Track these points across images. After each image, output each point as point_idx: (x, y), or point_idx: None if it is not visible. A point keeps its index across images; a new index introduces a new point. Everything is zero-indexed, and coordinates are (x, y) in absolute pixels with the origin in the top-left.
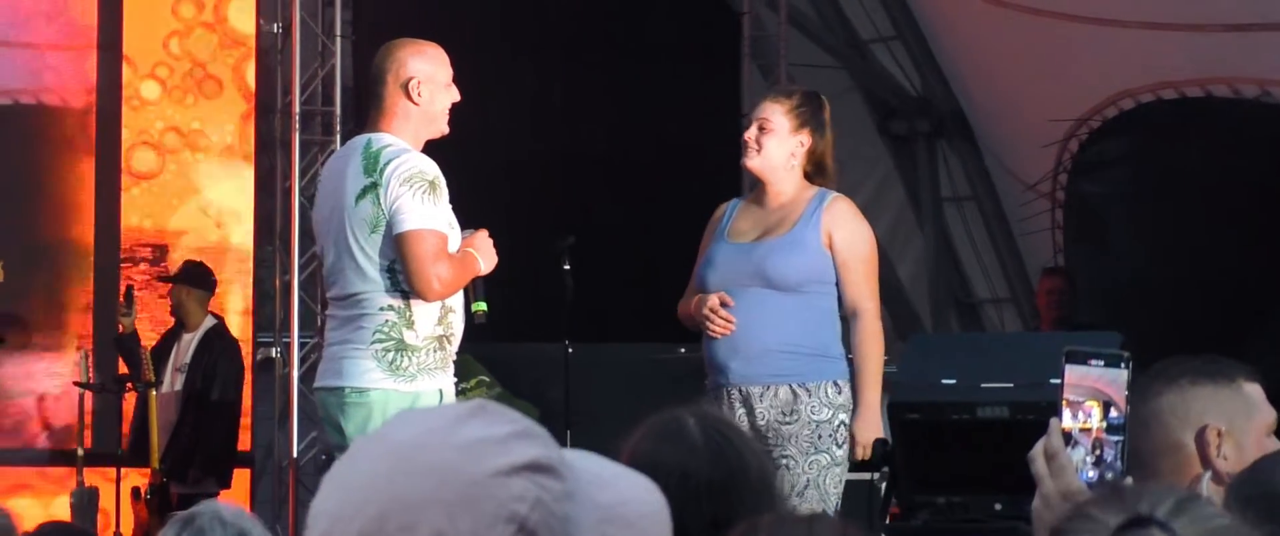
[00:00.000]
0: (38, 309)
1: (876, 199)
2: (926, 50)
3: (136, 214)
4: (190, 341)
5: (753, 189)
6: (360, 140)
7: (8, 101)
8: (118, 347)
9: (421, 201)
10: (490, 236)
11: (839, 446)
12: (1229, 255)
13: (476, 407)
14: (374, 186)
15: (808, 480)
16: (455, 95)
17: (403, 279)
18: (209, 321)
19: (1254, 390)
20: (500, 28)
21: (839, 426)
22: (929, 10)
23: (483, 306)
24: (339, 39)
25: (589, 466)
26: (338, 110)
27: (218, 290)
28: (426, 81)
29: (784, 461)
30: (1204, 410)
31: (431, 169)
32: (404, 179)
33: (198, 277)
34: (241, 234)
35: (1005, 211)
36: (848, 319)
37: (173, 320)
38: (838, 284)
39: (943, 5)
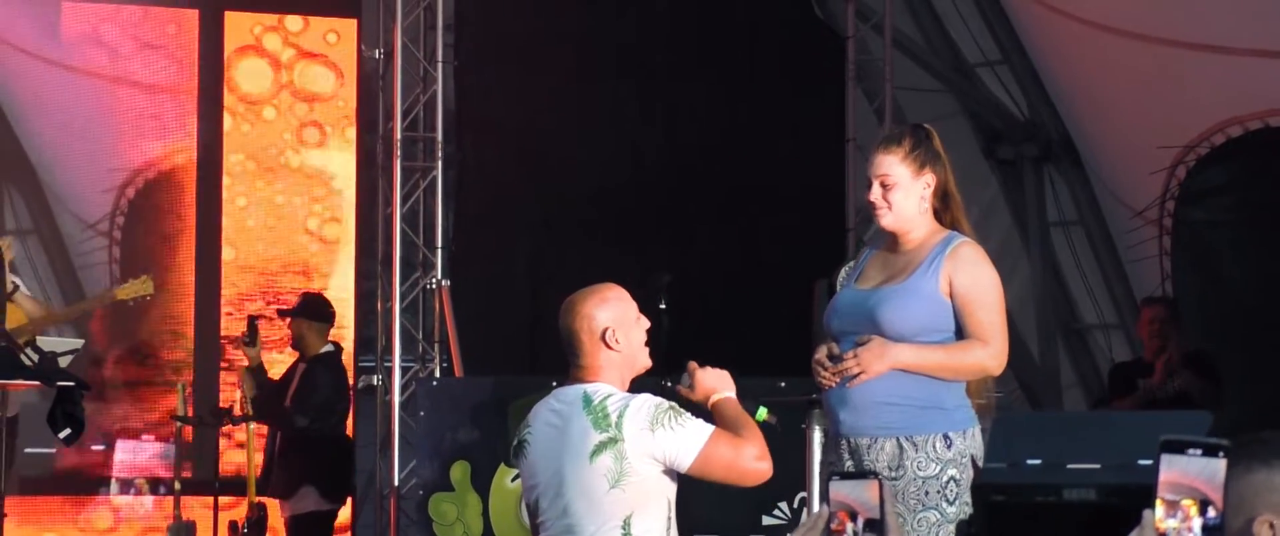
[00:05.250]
0: (141, 342)
1: (983, 224)
2: (1033, 74)
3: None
4: (303, 370)
5: (876, 235)
6: (574, 395)
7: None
8: (252, 379)
9: (681, 426)
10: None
11: (949, 503)
12: None
13: None
14: (614, 442)
15: None
16: (646, 324)
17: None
18: (325, 349)
19: None
20: (603, 53)
21: (948, 482)
22: (1036, 34)
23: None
24: (440, 64)
25: None
26: (439, 135)
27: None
28: (619, 327)
29: None
30: (1256, 499)
31: (657, 398)
32: (650, 423)
33: (315, 310)
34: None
35: (1113, 237)
36: None
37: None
38: (960, 330)
39: (1050, 29)
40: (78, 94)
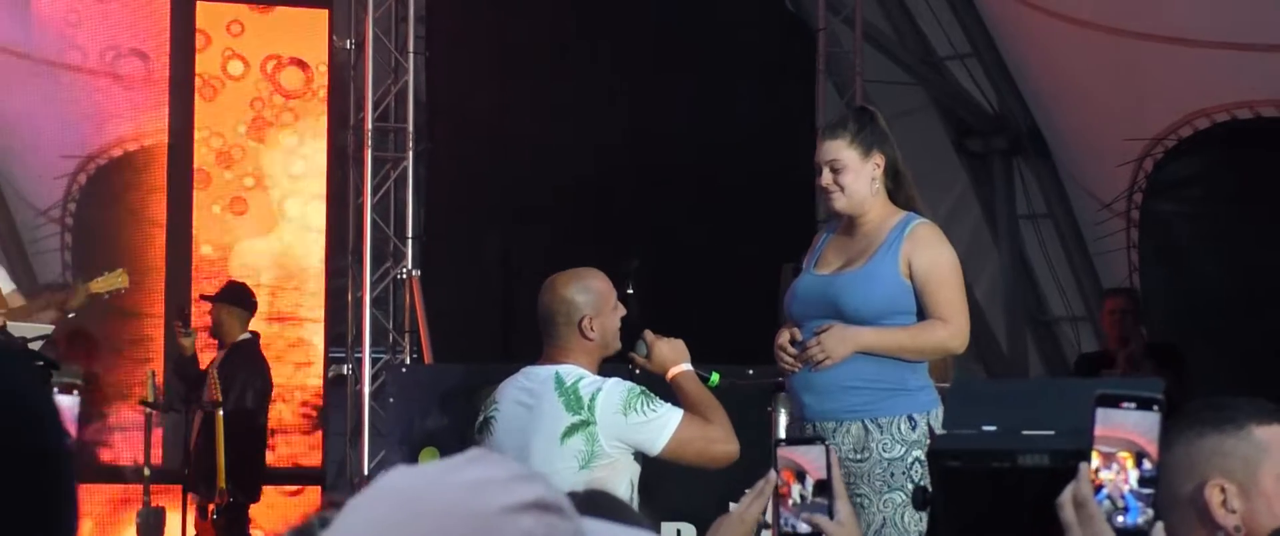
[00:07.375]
0: (110, 328)
1: (952, 216)
2: (1003, 67)
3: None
4: (219, 359)
5: (831, 218)
6: (546, 375)
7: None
8: (178, 372)
9: (653, 411)
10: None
11: (915, 483)
12: None
13: (476, 455)
14: (586, 424)
15: (883, 519)
16: (623, 311)
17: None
18: (242, 337)
19: (1267, 433)
20: (575, 44)
21: (913, 463)
22: (1006, 27)
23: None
24: (412, 55)
25: (599, 526)
26: (410, 127)
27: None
28: (596, 315)
29: (858, 500)
30: (1207, 463)
31: (628, 382)
32: (622, 407)
33: (236, 297)
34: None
35: (1081, 229)
36: None
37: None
38: (921, 310)
39: (1019, 22)
40: (35, 79)
